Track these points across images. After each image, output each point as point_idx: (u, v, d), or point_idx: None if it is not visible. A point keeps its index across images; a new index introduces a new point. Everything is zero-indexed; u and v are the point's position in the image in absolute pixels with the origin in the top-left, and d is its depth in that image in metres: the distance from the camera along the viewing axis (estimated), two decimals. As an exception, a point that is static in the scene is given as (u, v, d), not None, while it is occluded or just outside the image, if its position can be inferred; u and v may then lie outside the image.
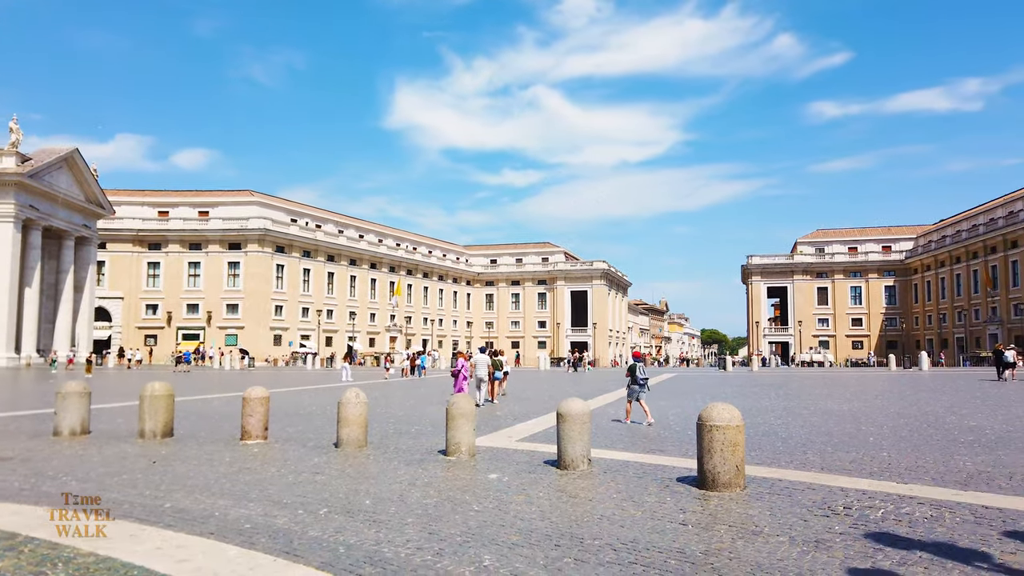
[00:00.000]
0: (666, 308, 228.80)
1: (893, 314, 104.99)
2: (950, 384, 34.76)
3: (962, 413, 19.53)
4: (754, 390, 31.57)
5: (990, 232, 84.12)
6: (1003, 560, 6.50)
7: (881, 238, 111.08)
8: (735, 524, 7.87)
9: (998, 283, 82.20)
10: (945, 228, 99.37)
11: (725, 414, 9.55)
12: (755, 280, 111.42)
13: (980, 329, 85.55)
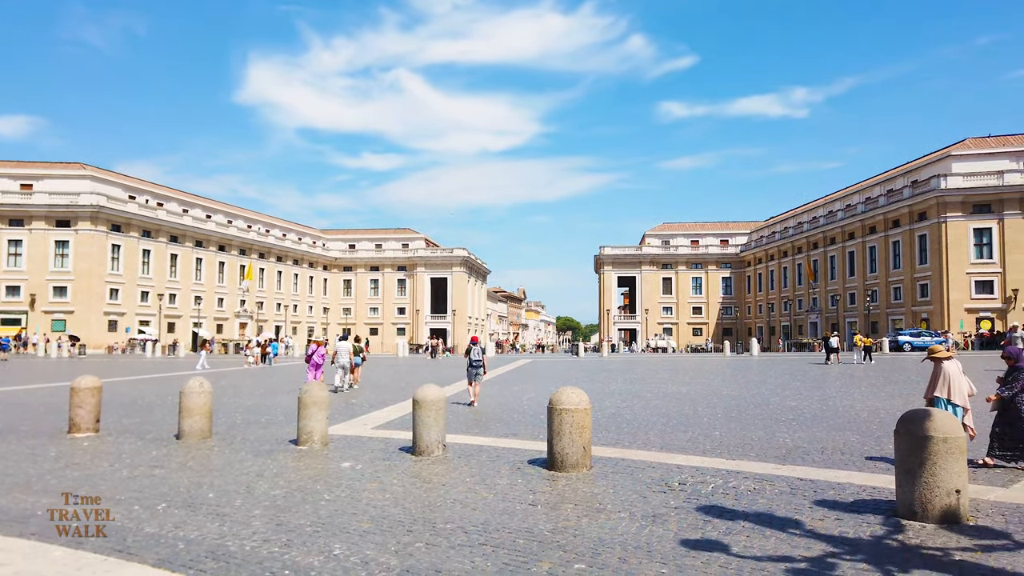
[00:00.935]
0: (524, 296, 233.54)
1: (729, 303, 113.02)
2: (776, 368, 37.93)
3: (784, 395, 21.42)
4: (603, 375, 33.00)
5: (812, 230, 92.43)
6: (812, 527, 7.25)
7: (720, 232, 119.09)
8: (581, 503, 8.25)
9: (819, 276, 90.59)
10: (775, 225, 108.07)
11: (574, 398, 9.95)
12: (607, 270, 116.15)
13: (803, 318, 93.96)
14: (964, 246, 67.81)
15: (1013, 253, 66.00)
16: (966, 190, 67.72)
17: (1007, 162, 70.05)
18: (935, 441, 7.27)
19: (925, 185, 71.73)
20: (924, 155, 79.70)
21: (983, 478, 9.31)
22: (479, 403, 19.52)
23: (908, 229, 73.49)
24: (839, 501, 8.18)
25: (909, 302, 73.17)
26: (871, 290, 78.89)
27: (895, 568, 5.98)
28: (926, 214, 71.04)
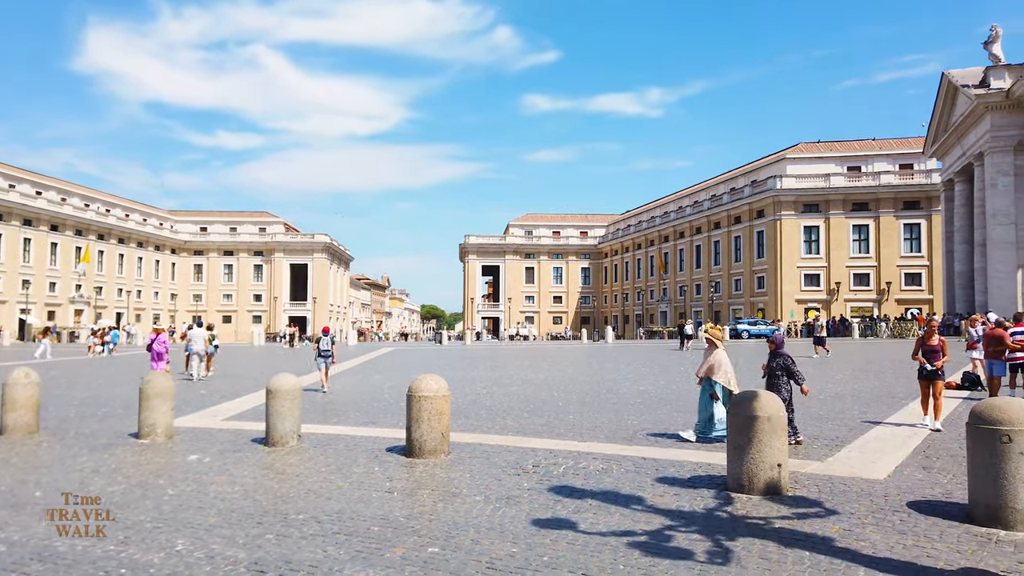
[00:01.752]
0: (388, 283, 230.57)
1: (587, 293, 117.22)
2: (629, 354, 39.79)
3: (634, 379, 22.56)
4: (465, 363, 33.31)
5: (664, 224, 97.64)
6: (653, 502, 7.74)
7: (580, 224, 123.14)
8: (437, 488, 8.36)
9: (669, 268, 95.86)
10: (630, 218, 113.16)
11: (433, 385, 10.03)
12: (471, 259, 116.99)
13: (654, 307, 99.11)
14: (796, 242, 73.95)
15: (836, 250, 72.72)
16: (798, 191, 73.83)
17: (833, 166, 77.07)
18: (761, 420, 7.97)
19: (763, 185, 77.49)
20: (763, 157, 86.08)
21: (803, 453, 10.28)
22: (336, 392, 19.21)
23: (748, 226, 79.11)
24: (678, 478, 8.78)
25: (748, 293, 78.90)
26: (715, 281, 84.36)
27: (723, 537, 6.52)
28: (764, 212, 76.74)
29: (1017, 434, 6.60)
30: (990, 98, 46.44)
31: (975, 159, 49.92)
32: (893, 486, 8.26)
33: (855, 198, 73.03)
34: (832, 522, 6.94)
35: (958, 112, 52.24)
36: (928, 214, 70.63)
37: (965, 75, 50.94)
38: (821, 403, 15.71)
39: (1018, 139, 45.85)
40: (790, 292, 73.31)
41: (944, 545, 6.23)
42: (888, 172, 74.07)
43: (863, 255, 72.81)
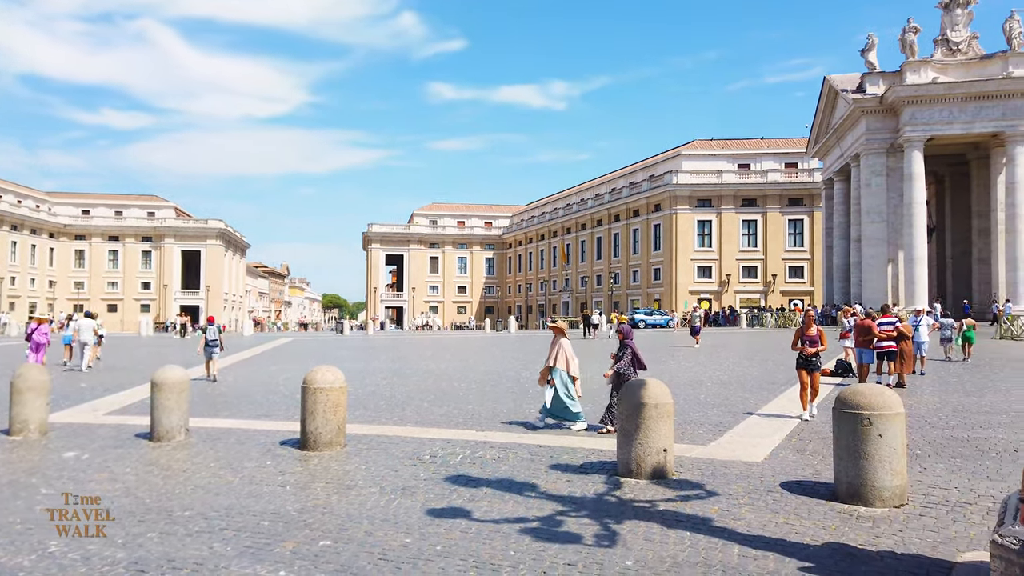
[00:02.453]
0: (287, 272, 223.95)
1: (492, 283, 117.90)
2: (531, 344, 40.32)
3: (535, 369, 22.89)
4: (367, 353, 32.90)
5: (567, 216, 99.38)
6: (547, 489, 7.95)
7: (484, 215, 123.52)
8: (332, 481, 8.28)
9: (571, 259, 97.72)
10: (534, 209, 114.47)
11: (329, 376, 9.90)
12: (375, 247, 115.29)
13: (557, 297, 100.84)
14: (690, 236, 76.87)
15: (727, 243, 76.07)
16: (692, 186, 76.74)
17: (725, 163, 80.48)
18: (648, 407, 8.31)
19: (660, 180, 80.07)
20: (661, 153, 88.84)
21: (688, 437, 10.78)
22: (229, 384, 18.61)
23: (646, 219, 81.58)
24: (571, 464, 9.04)
25: (645, 284, 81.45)
26: (615, 272, 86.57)
27: (611, 520, 6.78)
28: (660, 206, 79.31)
29: (876, 418, 7.17)
30: (866, 103, 49.64)
31: (852, 160, 53.28)
32: (769, 468, 8.80)
33: (745, 194, 76.57)
34: (712, 503, 7.34)
35: (838, 115, 55.56)
36: (810, 211, 74.87)
37: (844, 80, 54.23)
38: (708, 390, 16.47)
39: (890, 142, 49.25)
40: (684, 283, 76.17)
41: (811, 522, 6.71)
42: (775, 170, 78.07)
43: (751, 249, 76.48)
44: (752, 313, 62.52)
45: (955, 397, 14.82)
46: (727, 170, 78.49)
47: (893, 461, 7.13)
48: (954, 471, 8.55)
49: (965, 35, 47.39)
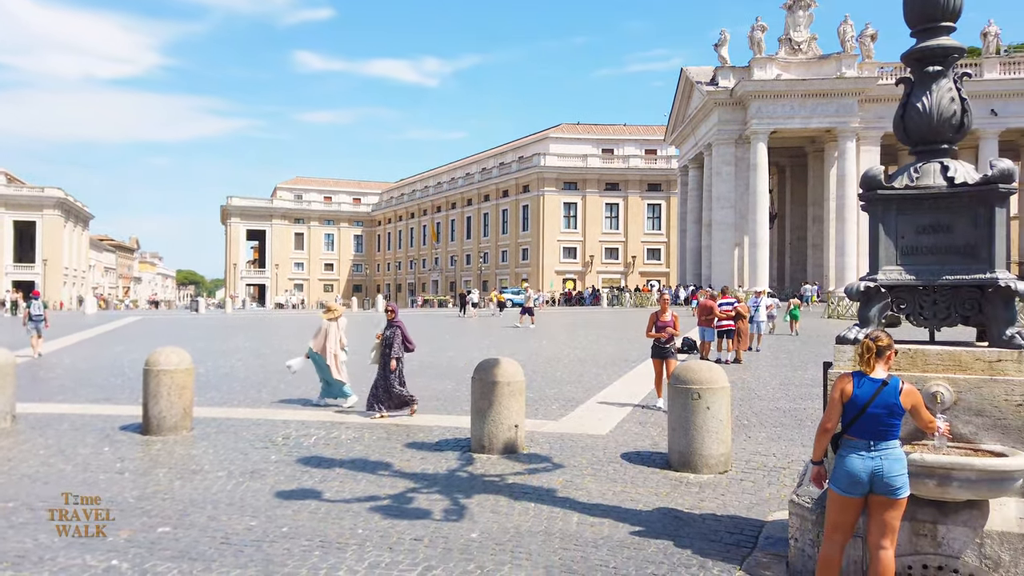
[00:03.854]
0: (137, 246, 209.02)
1: (360, 261, 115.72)
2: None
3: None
4: (224, 332, 31.52)
5: (437, 194, 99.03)
6: (400, 467, 8.06)
7: (353, 191, 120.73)
8: (176, 466, 8.00)
9: (441, 237, 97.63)
10: (404, 187, 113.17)
11: (174, 358, 9.50)
12: (235, 222, 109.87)
13: (427, 276, 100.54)
14: (557, 217, 78.84)
15: (591, 225, 78.67)
16: (559, 169, 78.65)
17: (590, 147, 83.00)
18: (501, 385, 8.59)
19: (529, 162, 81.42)
20: (530, 135, 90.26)
21: (542, 413, 11.22)
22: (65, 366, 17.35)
23: (515, 199, 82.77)
24: (426, 442, 9.20)
25: (514, 264, 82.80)
26: (484, 252, 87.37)
27: (461, 495, 7.00)
28: (529, 187, 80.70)
29: (705, 392, 7.79)
30: (718, 95, 52.61)
31: (706, 149, 56.42)
32: (612, 440, 9.34)
33: (608, 178, 79.34)
34: (557, 475, 7.73)
35: (693, 106, 58.56)
36: (668, 196, 78.68)
37: (699, 73, 57.18)
38: (564, 367, 17.12)
39: (739, 133, 52.52)
40: (551, 264, 78.13)
41: (645, 489, 7.22)
42: (636, 156, 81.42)
43: (613, 231, 79.51)
44: (612, 293, 65.10)
45: (783, 372, 16.24)
46: (592, 154, 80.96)
47: (719, 431, 7.78)
48: (774, 439, 9.43)
49: (806, 35, 51.14)
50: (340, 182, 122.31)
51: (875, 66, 50.61)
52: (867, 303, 5.10)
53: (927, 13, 5.05)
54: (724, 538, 5.82)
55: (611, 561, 5.31)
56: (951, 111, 5.01)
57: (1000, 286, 4.73)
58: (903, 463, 4.21)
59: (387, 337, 11.13)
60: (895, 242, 5.09)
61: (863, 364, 4.37)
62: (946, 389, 4.71)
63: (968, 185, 4.86)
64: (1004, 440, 4.59)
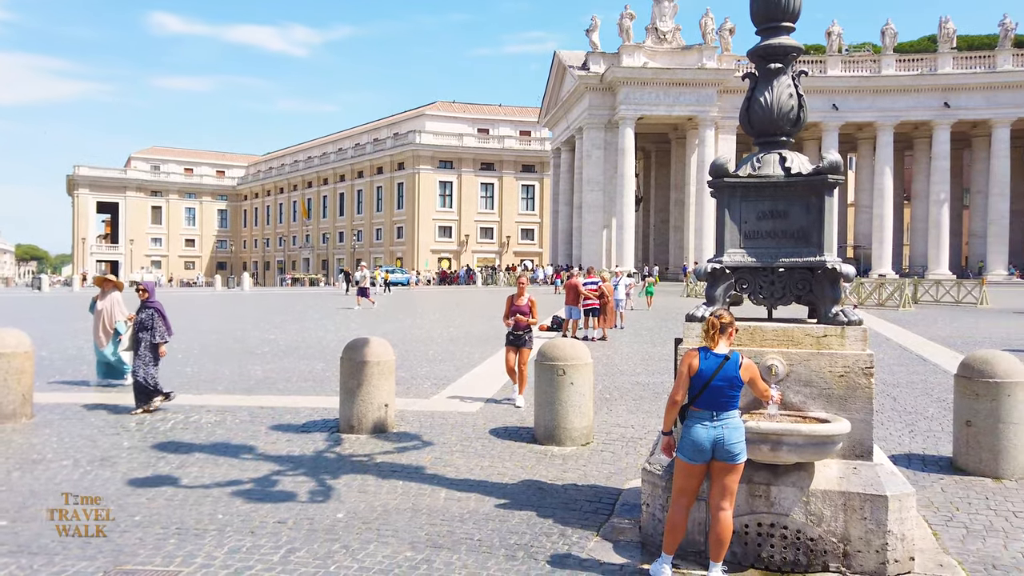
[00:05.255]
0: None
1: (224, 237, 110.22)
2: (268, 302, 38.65)
3: (266, 327, 22.10)
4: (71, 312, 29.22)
5: (308, 169, 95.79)
6: (265, 450, 7.86)
7: (216, 163, 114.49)
8: (13, 456, 7.42)
9: (312, 214, 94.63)
10: (273, 160, 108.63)
11: (10, 340, 8.78)
12: (83, 193, 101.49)
13: (297, 253, 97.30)
14: (432, 196, 78.41)
15: (467, 204, 78.89)
16: (435, 147, 78.18)
17: (466, 127, 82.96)
18: (371, 365, 8.53)
19: (404, 139, 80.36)
20: (406, 111, 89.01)
21: (413, 391, 11.24)
22: None
23: (389, 177, 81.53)
24: (293, 424, 9.01)
25: (388, 242, 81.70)
26: (358, 230, 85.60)
27: (328, 476, 6.93)
28: (404, 164, 79.70)
29: (569, 368, 8.09)
30: (589, 80, 53.95)
31: (577, 132, 57.80)
32: (482, 417, 9.52)
33: (483, 158, 79.69)
34: (427, 453, 7.80)
35: (566, 89, 59.76)
36: (541, 177, 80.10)
37: (572, 57, 58.36)
38: (437, 346, 17.18)
39: (608, 118, 54.16)
40: (426, 243, 77.71)
41: (512, 463, 7.43)
42: (511, 137, 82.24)
43: (489, 211, 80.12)
44: (487, 272, 65.71)
45: (643, 348, 17.05)
46: (467, 133, 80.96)
47: (582, 405, 8.12)
48: (633, 411, 9.93)
49: (671, 26, 53.29)
50: (202, 153, 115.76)
51: (733, 59, 53.50)
52: (713, 283, 5.47)
53: (770, 13, 5.43)
54: (584, 506, 6.11)
55: (476, 534, 5.46)
56: (789, 106, 5.43)
57: (827, 268, 5.21)
58: (742, 431, 4.59)
59: (141, 320, 9.70)
60: (739, 226, 5.48)
61: (708, 340, 4.71)
62: (780, 362, 5.15)
63: (802, 175, 5.30)
64: (828, 408, 5.08)
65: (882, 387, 10.85)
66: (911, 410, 10.03)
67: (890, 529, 4.72)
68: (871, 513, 4.74)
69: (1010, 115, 52.60)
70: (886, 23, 54.66)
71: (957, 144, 56.97)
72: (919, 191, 58.44)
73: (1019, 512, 5.97)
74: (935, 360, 14.67)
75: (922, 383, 12.14)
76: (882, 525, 4.72)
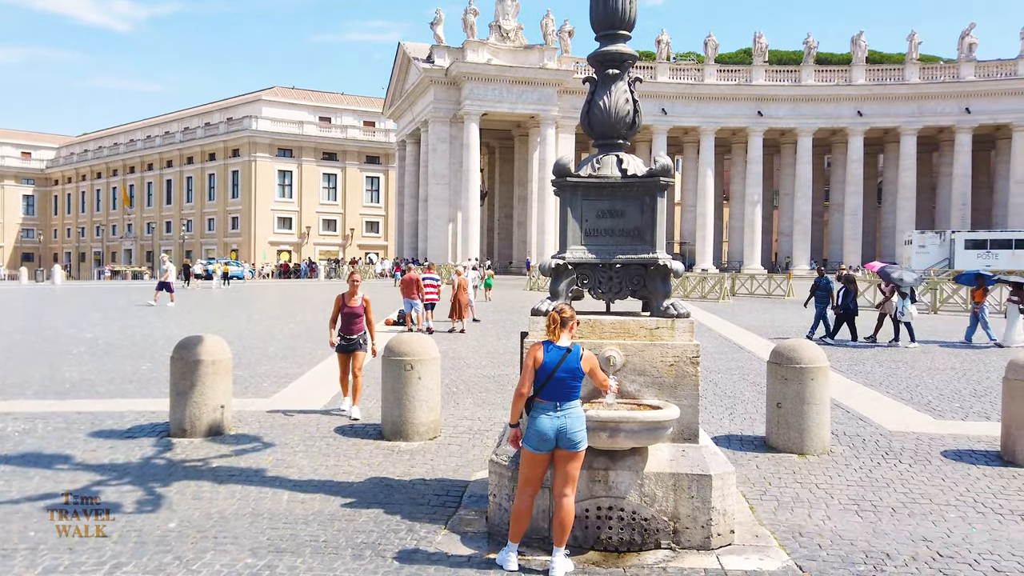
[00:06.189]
0: None
1: (32, 225, 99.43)
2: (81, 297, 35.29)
3: (82, 326, 20.22)
4: None
5: (130, 153, 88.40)
6: (84, 459, 7.23)
7: (22, 143, 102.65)
8: None
9: (135, 202, 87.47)
10: (89, 142, 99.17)
11: None
12: None
13: (117, 244, 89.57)
14: (270, 185, 75.04)
15: (308, 195, 76.26)
16: (273, 134, 74.84)
17: (307, 114, 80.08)
18: (205, 364, 8.07)
19: (239, 124, 76.24)
20: (240, 95, 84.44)
21: (252, 391, 10.76)
22: None
23: (223, 164, 77.08)
24: (116, 430, 8.34)
25: (222, 233, 77.27)
26: (188, 219, 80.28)
27: (158, 484, 6.50)
28: (239, 151, 75.64)
29: (417, 362, 8.08)
30: (433, 73, 53.86)
31: (423, 125, 57.54)
32: (326, 415, 9.29)
33: (326, 147, 77.36)
34: (267, 454, 7.51)
35: (411, 81, 59.29)
36: (386, 169, 79.02)
37: (417, 49, 57.98)
38: (278, 343, 16.54)
39: (454, 112, 54.37)
40: (264, 234, 74.30)
41: (359, 461, 7.32)
42: (354, 127, 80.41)
43: (332, 202, 77.94)
44: (330, 265, 63.99)
45: (490, 341, 17.36)
46: (308, 121, 78.19)
47: (429, 399, 8.14)
48: (480, 404, 10.09)
49: (514, 25, 54.33)
50: (6, 132, 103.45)
51: (572, 60, 55.45)
52: (557, 278, 5.69)
53: (608, 21, 5.71)
54: (432, 500, 6.15)
55: (321, 535, 5.34)
56: (626, 111, 5.74)
57: (659, 264, 5.56)
58: (583, 420, 4.81)
59: None
60: (580, 224, 5.72)
61: (551, 333, 4.89)
62: (617, 353, 5.44)
63: (637, 177, 5.62)
64: (660, 395, 5.44)
65: (706, 374, 11.76)
66: (730, 394, 10.93)
67: (714, 505, 5.13)
68: (697, 492, 5.14)
69: (812, 125, 58.49)
70: (708, 35, 58.87)
71: (769, 150, 62.65)
72: (736, 192, 63.57)
73: (821, 484, 6.69)
74: (750, 348, 16.07)
75: (739, 369, 13.26)
76: (707, 502, 5.13)
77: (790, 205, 61.89)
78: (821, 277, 18.60)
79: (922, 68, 58.42)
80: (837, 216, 62.39)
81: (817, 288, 18.37)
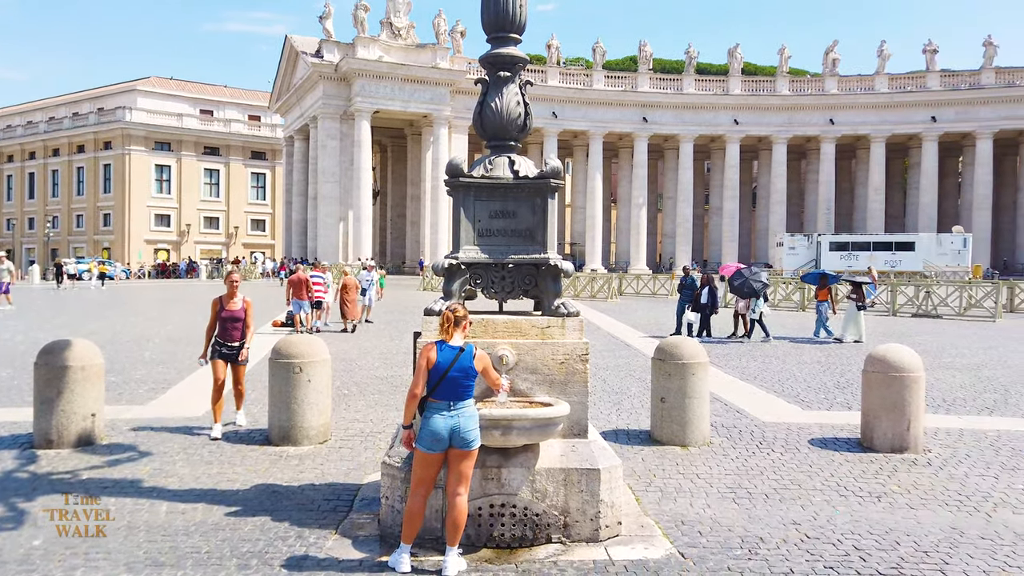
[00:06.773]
0: None
1: None
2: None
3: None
4: None
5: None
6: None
7: None
8: None
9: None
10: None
11: None
12: None
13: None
14: (147, 180, 70.89)
15: (188, 191, 72.58)
16: (149, 126, 70.74)
17: (187, 106, 76.23)
18: (74, 370, 7.56)
19: (112, 115, 71.60)
20: (112, 84, 79.37)
21: (127, 397, 10.16)
22: None
23: (93, 156, 72.18)
24: (-30, 443, 7.67)
25: (92, 230, 72.35)
26: (53, 216, 74.64)
27: (20, 499, 6.03)
28: (112, 144, 71.07)
29: (306, 365, 7.88)
30: (323, 68, 52.55)
31: (311, 121, 56.03)
32: (208, 421, 8.88)
33: (207, 142, 73.87)
34: (144, 464, 7.12)
35: (299, 76, 57.59)
36: (273, 165, 76.35)
37: (305, 43, 56.40)
38: (155, 347, 15.70)
39: (344, 109, 53.22)
40: (139, 232, 70.15)
41: (244, 468, 7.06)
42: (238, 121, 77.17)
43: (214, 199, 74.54)
44: (213, 264, 61.25)
45: (383, 342, 17.14)
46: (188, 114, 74.44)
47: (319, 402, 7.96)
48: (372, 406, 9.95)
49: (406, 22, 53.80)
50: None
51: (464, 60, 55.52)
52: (450, 278, 5.70)
53: (499, 24, 5.77)
54: (322, 505, 6.02)
55: (204, 546, 5.12)
56: (517, 113, 5.82)
57: (551, 265, 5.68)
58: (476, 419, 4.84)
59: None
60: (473, 224, 5.76)
61: (444, 333, 4.90)
62: (510, 352, 5.51)
63: (529, 178, 5.71)
64: (551, 392, 5.55)
65: (595, 371, 12.08)
66: (617, 390, 11.29)
67: (602, 498, 5.29)
68: (587, 485, 5.28)
69: (694, 131, 61.20)
70: (596, 42, 60.45)
71: (653, 155, 65.02)
72: (623, 195, 65.60)
73: (701, 474, 7.03)
74: (636, 345, 16.65)
75: (626, 366, 13.71)
76: (595, 496, 5.28)
77: (673, 208, 64.49)
78: (686, 276, 19.40)
79: (791, 81, 62.28)
80: (716, 219, 65.49)
81: (683, 287, 19.19)
